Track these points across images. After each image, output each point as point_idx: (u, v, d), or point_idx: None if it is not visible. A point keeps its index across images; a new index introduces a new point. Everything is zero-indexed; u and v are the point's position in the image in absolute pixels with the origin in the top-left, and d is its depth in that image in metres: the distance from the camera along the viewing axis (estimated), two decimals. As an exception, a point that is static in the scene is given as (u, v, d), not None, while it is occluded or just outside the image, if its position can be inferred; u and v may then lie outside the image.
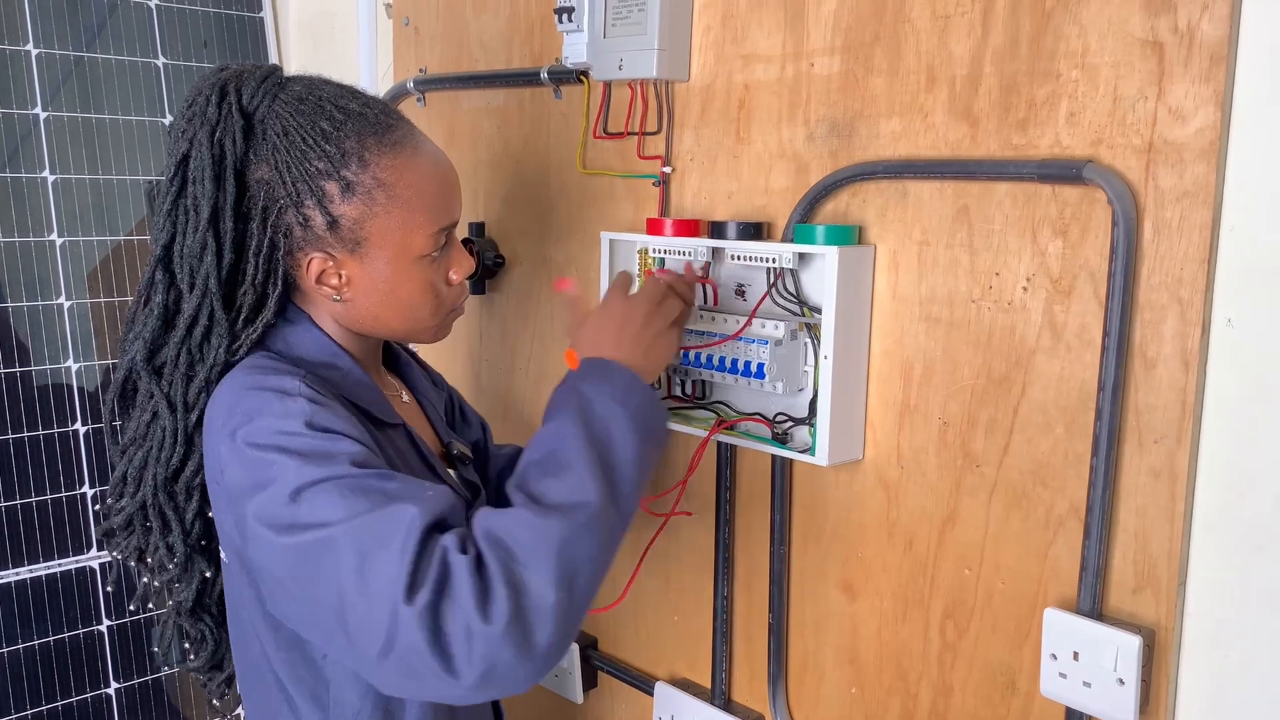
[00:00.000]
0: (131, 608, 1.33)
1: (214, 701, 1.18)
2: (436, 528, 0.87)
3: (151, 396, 1.03)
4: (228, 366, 1.03)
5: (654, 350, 1.09)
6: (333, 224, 1.01)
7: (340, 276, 1.04)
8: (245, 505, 0.92)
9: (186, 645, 1.13)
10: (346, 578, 0.85)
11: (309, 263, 1.03)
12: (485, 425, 1.39)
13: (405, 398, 1.20)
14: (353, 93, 1.05)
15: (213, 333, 1.02)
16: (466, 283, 1.14)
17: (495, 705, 1.24)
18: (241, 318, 1.03)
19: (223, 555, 1.08)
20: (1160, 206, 0.97)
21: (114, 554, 1.10)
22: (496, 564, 0.85)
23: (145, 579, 1.09)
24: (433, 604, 0.83)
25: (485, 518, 0.90)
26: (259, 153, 1.01)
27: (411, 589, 0.83)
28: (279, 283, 1.03)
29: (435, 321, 1.11)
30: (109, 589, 1.61)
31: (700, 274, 1.24)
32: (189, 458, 1.04)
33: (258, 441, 0.93)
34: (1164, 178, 0.96)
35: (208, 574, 1.10)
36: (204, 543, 1.09)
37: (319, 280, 1.04)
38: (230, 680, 1.18)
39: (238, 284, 1.03)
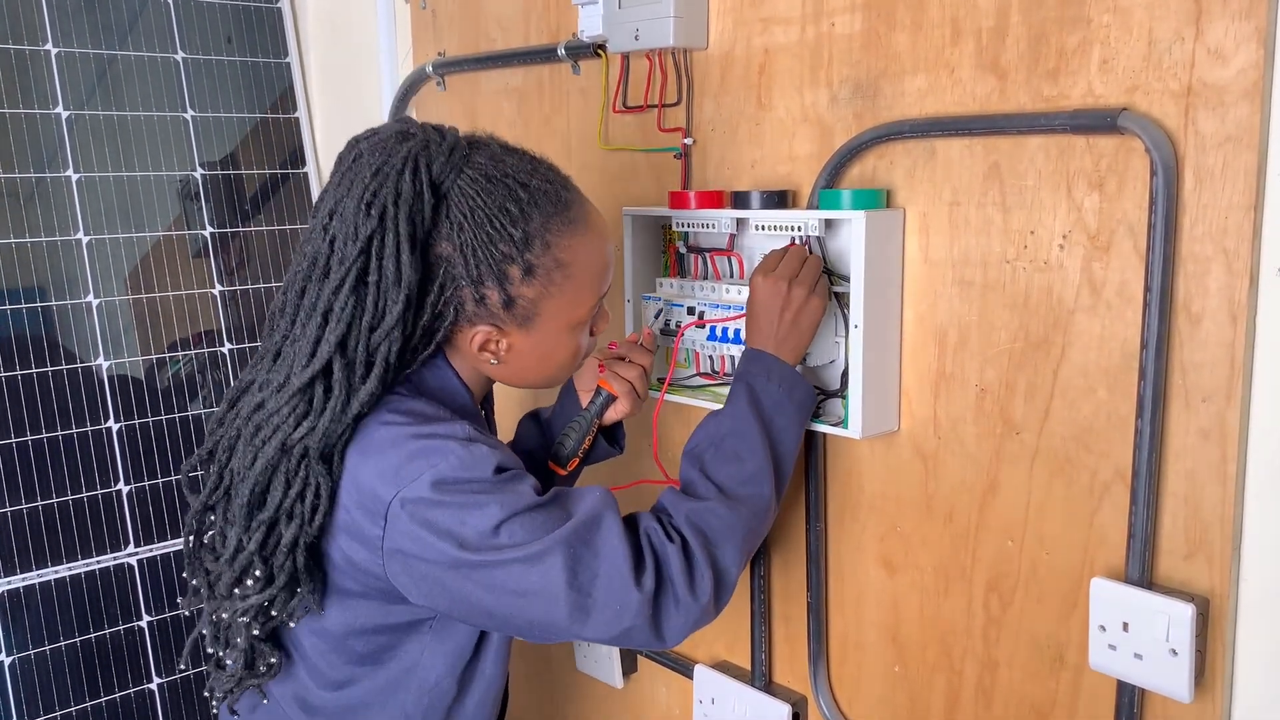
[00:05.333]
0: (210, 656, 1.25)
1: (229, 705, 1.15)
2: (625, 521, 1.01)
3: (304, 468, 1.00)
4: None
5: (799, 325, 1.12)
6: (509, 303, 1.03)
7: (501, 344, 1.06)
8: (435, 544, 0.97)
9: (262, 666, 1.10)
10: (563, 585, 0.96)
11: (475, 335, 1.05)
12: None
13: None
14: (532, 165, 1.06)
15: (378, 400, 1.03)
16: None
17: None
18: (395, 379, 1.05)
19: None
20: (1201, 153, 0.92)
21: (233, 617, 1.05)
22: (699, 548, 1.01)
23: (256, 631, 1.06)
24: (655, 589, 0.98)
25: (682, 504, 1.05)
26: (443, 230, 1.01)
27: (638, 576, 0.97)
28: (434, 346, 1.05)
29: (567, 373, 1.14)
30: (183, 664, 1.58)
31: (648, 343, 1.25)
32: (331, 513, 1.02)
33: (451, 486, 0.97)
34: (1204, 122, 0.91)
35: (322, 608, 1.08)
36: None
37: (481, 348, 1.06)
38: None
39: (403, 354, 1.04)
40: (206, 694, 1.13)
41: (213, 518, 1.06)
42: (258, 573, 1.01)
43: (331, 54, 1.92)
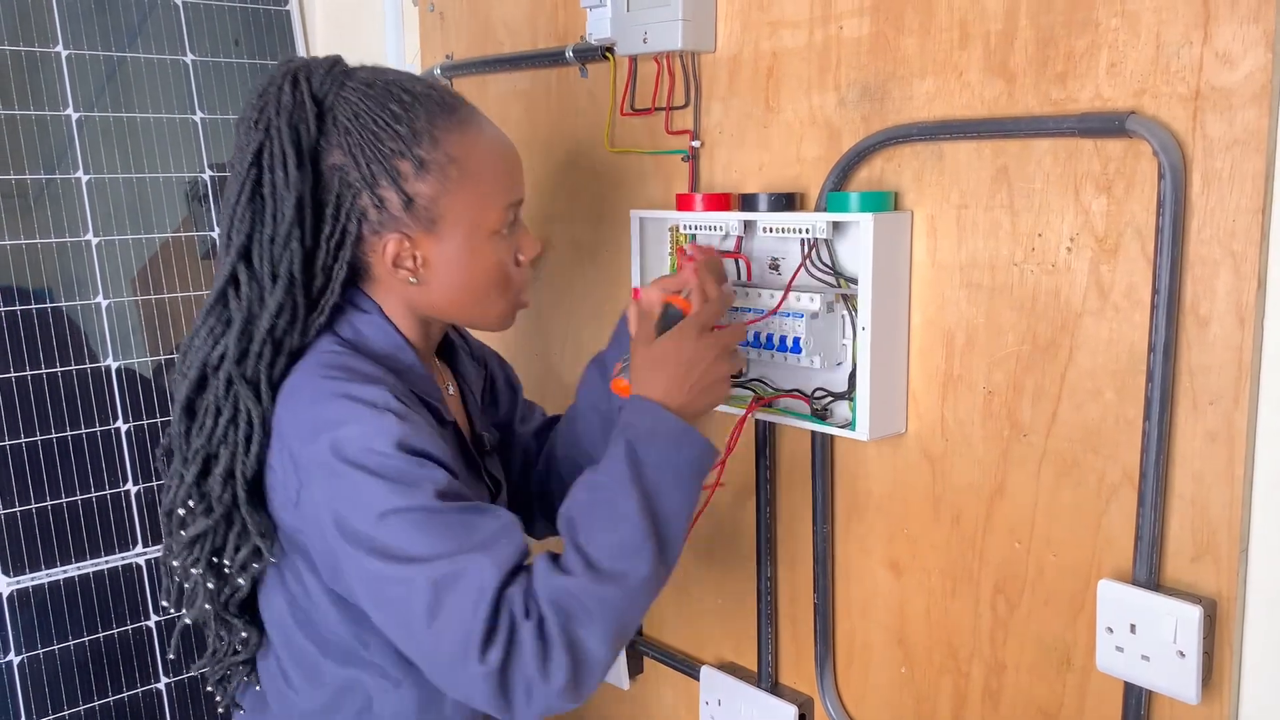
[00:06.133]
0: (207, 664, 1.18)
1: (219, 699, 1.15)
2: (507, 581, 0.92)
3: (232, 394, 1.01)
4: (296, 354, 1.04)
5: (711, 393, 1.05)
6: (408, 203, 1.02)
7: (416, 258, 1.05)
8: (323, 511, 0.96)
9: (238, 644, 1.11)
10: (421, 618, 0.91)
11: (385, 245, 1.04)
12: (517, 387, 1.37)
13: (451, 389, 1.20)
14: (414, 77, 1.07)
15: (295, 323, 1.03)
16: (530, 269, 1.13)
17: None
18: (309, 303, 1.04)
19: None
20: (1209, 156, 0.92)
21: (184, 564, 1.05)
22: (557, 628, 0.90)
23: (210, 584, 1.06)
24: (501, 665, 0.89)
25: (547, 579, 0.92)
26: (331, 139, 1.02)
27: (485, 649, 0.89)
28: (345, 266, 1.04)
29: (503, 306, 1.12)
30: (170, 655, 1.64)
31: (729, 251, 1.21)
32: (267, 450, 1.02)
33: (347, 454, 0.94)
34: (1212, 126, 0.92)
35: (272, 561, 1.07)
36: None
37: (395, 263, 1.05)
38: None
39: (311, 271, 1.04)
40: (211, 688, 1.14)
41: (181, 512, 1.05)
42: (191, 503, 1.02)
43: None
